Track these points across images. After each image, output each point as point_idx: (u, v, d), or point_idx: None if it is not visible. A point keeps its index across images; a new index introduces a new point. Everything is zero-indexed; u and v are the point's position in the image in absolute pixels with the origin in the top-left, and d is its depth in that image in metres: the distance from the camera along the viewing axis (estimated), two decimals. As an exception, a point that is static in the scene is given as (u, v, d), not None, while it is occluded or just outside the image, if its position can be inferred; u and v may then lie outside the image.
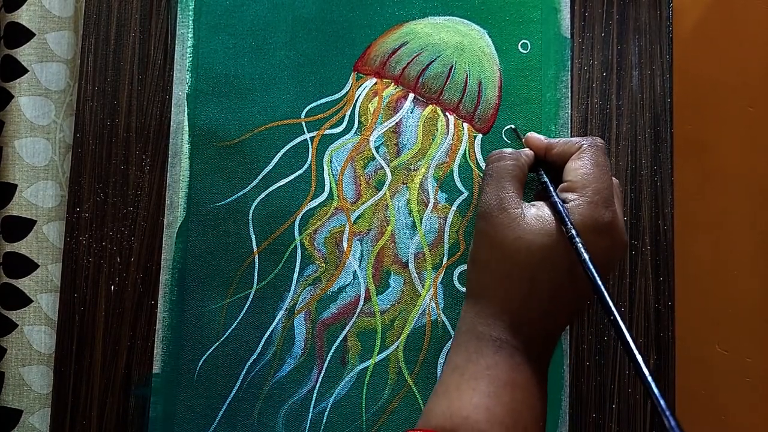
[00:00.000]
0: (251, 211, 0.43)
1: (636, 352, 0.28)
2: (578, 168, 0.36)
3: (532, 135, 0.40)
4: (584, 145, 0.37)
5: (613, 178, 0.37)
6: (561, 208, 0.34)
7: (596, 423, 0.42)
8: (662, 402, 0.26)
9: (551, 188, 0.36)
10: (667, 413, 0.26)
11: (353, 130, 0.43)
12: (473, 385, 0.33)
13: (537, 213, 0.34)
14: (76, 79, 0.45)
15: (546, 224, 0.34)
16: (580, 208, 0.34)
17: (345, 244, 0.42)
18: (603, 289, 0.30)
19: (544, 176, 0.38)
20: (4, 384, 0.45)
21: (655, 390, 0.27)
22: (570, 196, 0.35)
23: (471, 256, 0.37)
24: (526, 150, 0.39)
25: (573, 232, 0.33)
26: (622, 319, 0.29)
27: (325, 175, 0.43)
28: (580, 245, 0.32)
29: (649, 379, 0.27)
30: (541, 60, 0.43)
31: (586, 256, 0.32)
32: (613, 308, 0.30)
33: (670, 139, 0.44)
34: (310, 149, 0.43)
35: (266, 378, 0.41)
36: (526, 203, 0.36)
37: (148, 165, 0.44)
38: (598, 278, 0.31)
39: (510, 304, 0.34)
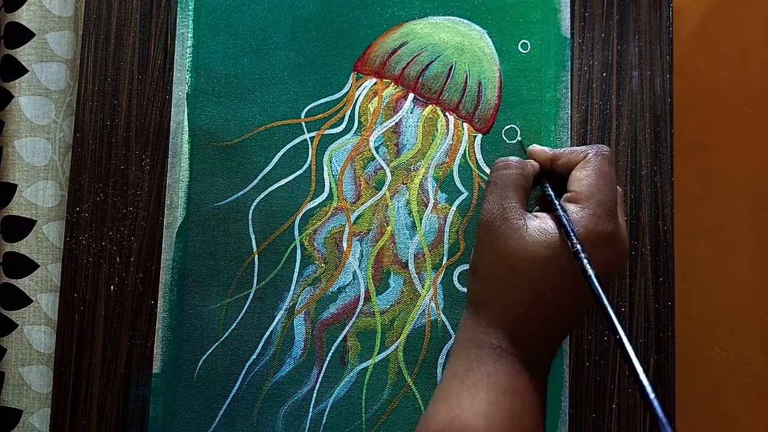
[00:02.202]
0: (251, 211, 0.43)
1: (642, 375, 0.27)
2: (582, 178, 0.35)
3: (536, 147, 0.39)
4: (590, 154, 0.36)
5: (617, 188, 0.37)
6: (566, 223, 0.34)
7: (596, 423, 0.42)
8: (664, 419, 0.26)
9: (556, 202, 0.35)
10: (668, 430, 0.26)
11: (353, 130, 0.43)
12: (473, 392, 0.33)
13: (540, 225, 0.34)
14: (76, 79, 0.45)
15: (549, 236, 0.34)
16: (583, 220, 0.34)
17: (345, 244, 0.42)
18: (608, 306, 0.30)
19: (549, 189, 0.37)
20: (4, 384, 0.45)
21: (660, 412, 0.26)
22: (573, 207, 0.34)
23: (472, 265, 0.37)
24: (532, 161, 0.39)
25: (578, 246, 0.32)
26: (627, 338, 0.29)
27: (325, 175, 0.43)
28: (585, 261, 0.32)
29: (654, 401, 0.27)
30: (541, 60, 0.43)
31: (591, 272, 0.31)
32: (619, 327, 0.29)
33: (670, 139, 0.44)
34: (310, 149, 0.43)
35: (266, 378, 0.41)
36: (529, 214, 0.35)
37: (148, 165, 0.44)
38: (603, 295, 0.31)
39: (511, 314, 0.34)
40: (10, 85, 0.46)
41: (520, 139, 0.42)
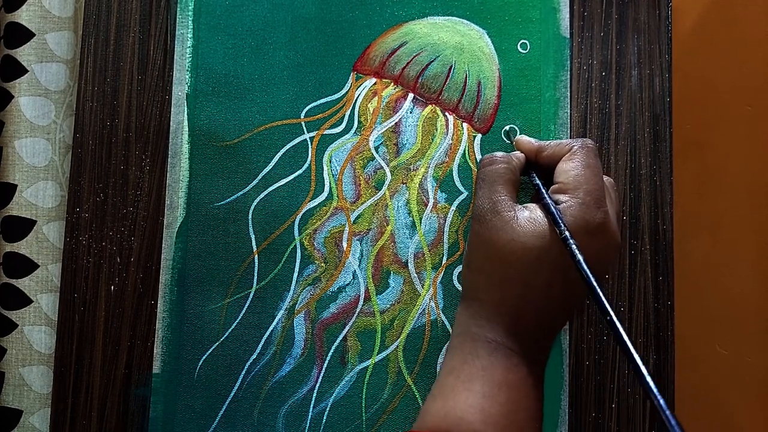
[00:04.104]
0: (251, 211, 0.43)
1: (634, 351, 0.28)
2: (569, 169, 0.36)
3: (522, 138, 0.40)
4: (575, 147, 0.37)
5: (608, 179, 0.37)
6: (554, 210, 0.34)
7: (596, 422, 0.42)
8: (662, 400, 0.26)
9: (543, 190, 0.36)
10: (668, 413, 0.26)
11: (353, 130, 0.43)
12: (468, 386, 0.33)
13: (530, 215, 0.35)
14: (76, 80, 0.45)
15: (539, 226, 0.34)
16: (572, 209, 0.34)
17: (345, 244, 0.42)
18: (598, 289, 0.31)
19: (536, 178, 0.38)
20: (4, 384, 0.45)
21: (654, 388, 0.27)
22: (562, 197, 0.35)
23: (465, 259, 0.38)
24: (518, 153, 0.39)
25: (567, 233, 0.33)
26: (618, 319, 0.29)
27: (325, 175, 0.43)
28: (574, 246, 0.32)
29: (648, 378, 0.27)
30: (540, 60, 0.43)
31: (580, 257, 0.32)
32: (609, 308, 0.30)
33: (669, 138, 0.44)
34: (310, 149, 0.43)
35: (266, 378, 0.41)
36: (519, 206, 0.36)
37: (147, 165, 0.44)
38: (592, 278, 0.31)
39: (505, 307, 0.34)
40: (10, 85, 0.46)
41: (506, 128, 0.43)
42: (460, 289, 0.42)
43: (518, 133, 0.43)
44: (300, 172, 0.43)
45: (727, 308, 0.49)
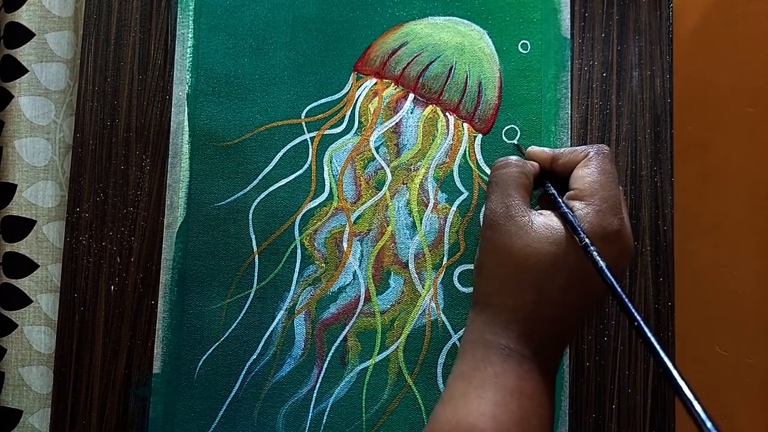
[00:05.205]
0: (251, 212, 0.43)
1: (665, 357, 0.27)
2: (585, 176, 0.35)
3: (535, 148, 0.39)
4: (591, 153, 0.36)
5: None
6: (572, 218, 0.34)
7: (596, 423, 0.42)
8: (699, 409, 0.26)
9: (560, 200, 0.35)
10: (708, 425, 0.26)
11: (353, 131, 0.43)
12: (480, 393, 0.33)
13: (545, 221, 0.34)
14: (76, 79, 0.45)
15: (555, 232, 0.34)
16: (588, 216, 0.34)
17: (345, 245, 0.42)
18: (624, 297, 0.30)
19: (552, 188, 0.37)
20: (4, 384, 0.45)
21: (690, 395, 0.26)
22: (578, 204, 0.35)
23: (477, 264, 0.37)
24: (532, 161, 0.39)
25: (587, 240, 0.32)
26: (646, 324, 0.29)
27: (325, 176, 0.43)
28: (595, 253, 0.32)
29: (683, 385, 0.26)
30: (541, 60, 0.43)
31: (602, 263, 0.31)
32: (637, 315, 0.29)
33: (670, 139, 0.44)
34: (310, 149, 0.43)
35: (266, 378, 0.41)
36: (534, 211, 0.35)
37: (148, 165, 0.44)
38: (617, 285, 0.31)
39: (519, 313, 0.34)
40: (10, 85, 0.46)
41: (516, 142, 0.42)
42: (460, 289, 0.42)
43: (518, 133, 0.43)
44: (300, 172, 0.43)
45: (728, 309, 0.49)
